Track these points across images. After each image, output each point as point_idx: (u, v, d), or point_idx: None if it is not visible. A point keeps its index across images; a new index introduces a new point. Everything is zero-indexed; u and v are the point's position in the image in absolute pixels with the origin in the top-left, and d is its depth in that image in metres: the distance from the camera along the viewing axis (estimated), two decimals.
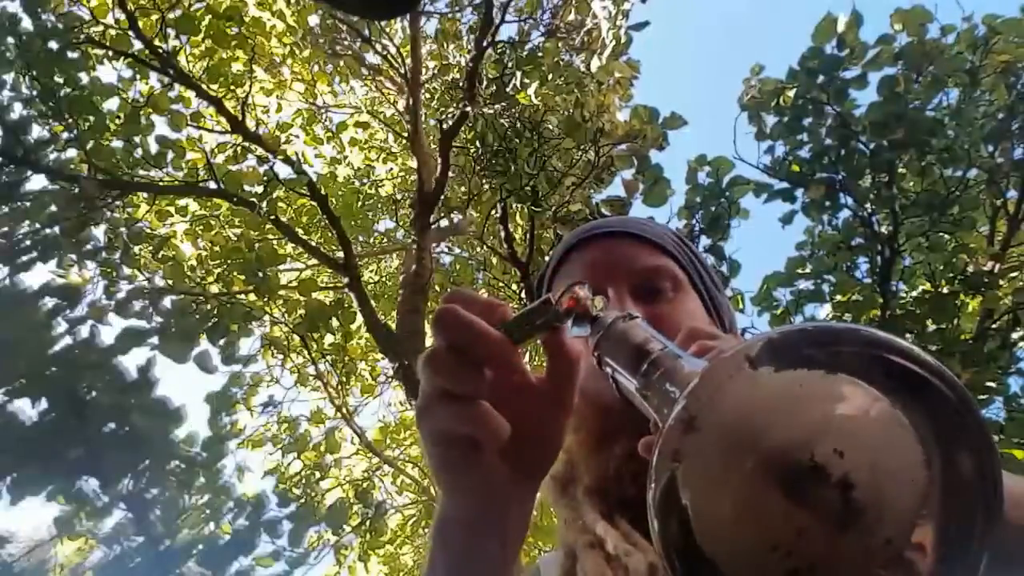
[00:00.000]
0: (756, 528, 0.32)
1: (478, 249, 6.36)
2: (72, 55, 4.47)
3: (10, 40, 4.09)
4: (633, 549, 0.57)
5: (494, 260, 6.07)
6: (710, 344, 0.46)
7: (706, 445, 0.32)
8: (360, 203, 7.17)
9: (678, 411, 0.32)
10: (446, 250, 7.18)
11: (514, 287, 5.61)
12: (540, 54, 5.10)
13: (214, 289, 5.03)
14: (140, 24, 4.71)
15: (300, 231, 5.80)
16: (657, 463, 0.32)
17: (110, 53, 4.77)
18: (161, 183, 5.11)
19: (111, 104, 4.87)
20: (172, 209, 5.67)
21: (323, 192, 5.51)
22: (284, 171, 5.09)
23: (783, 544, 0.32)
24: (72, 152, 4.56)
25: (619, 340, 0.44)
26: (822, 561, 0.32)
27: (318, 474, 5.51)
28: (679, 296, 0.72)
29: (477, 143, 4.94)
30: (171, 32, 4.84)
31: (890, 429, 0.32)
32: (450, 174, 5.28)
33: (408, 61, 5.94)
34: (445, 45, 6.29)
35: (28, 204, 4.19)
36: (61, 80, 4.41)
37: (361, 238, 7.24)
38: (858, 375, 0.31)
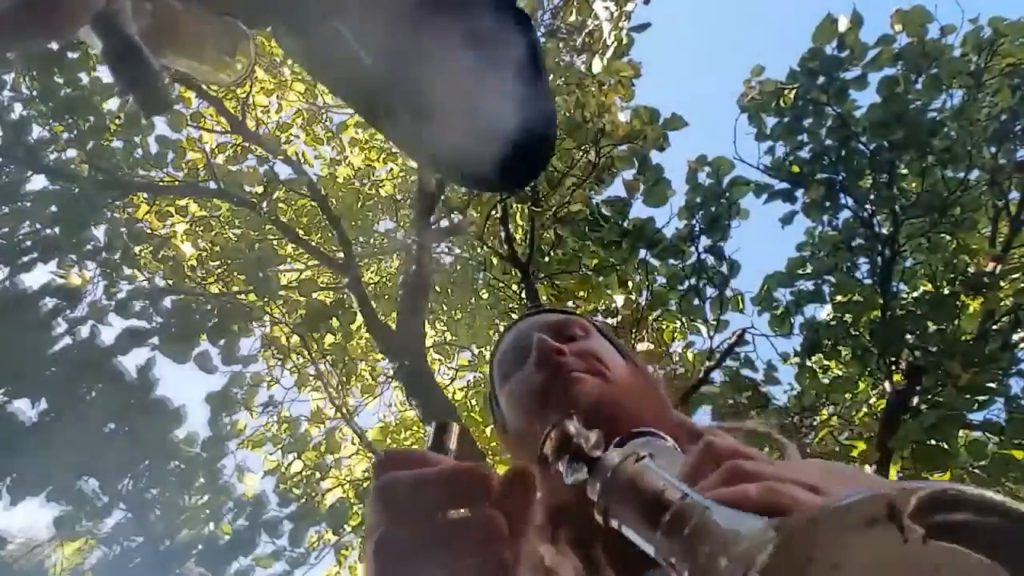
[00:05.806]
0: None
1: (478, 249, 6.34)
2: (72, 55, 4.47)
3: None
4: (563, 560, 0.60)
5: (494, 260, 6.06)
6: (756, 492, 0.35)
7: None
8: (360, 203, 7.16)
9: None
10: (446, 250, 7.17)
11: (514, 287, 5.61)
12: None
13: (214, 289, 5.03)
14: None
15: (300, 231, 5.80)
16: None
17: None
18: (161, 183, 5.11)
19: (111, 104, 4.87)
20: (172, 209, 5.67)
21: (323, 192, 5.50)
22: (284, 171, 5.10)
23: None
24: (72, 152, 4.56)
25: (630, 488, 0.37)
26: None
27: (318, 474, 5.51)
28: (591, 337, 0.83)
29: None
30: None
31: None
32: None
33: None
34: None
35: (28, 204, 4.18)
36: (61, 80, 4.41)
37: (361, 238, 7.23)
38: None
